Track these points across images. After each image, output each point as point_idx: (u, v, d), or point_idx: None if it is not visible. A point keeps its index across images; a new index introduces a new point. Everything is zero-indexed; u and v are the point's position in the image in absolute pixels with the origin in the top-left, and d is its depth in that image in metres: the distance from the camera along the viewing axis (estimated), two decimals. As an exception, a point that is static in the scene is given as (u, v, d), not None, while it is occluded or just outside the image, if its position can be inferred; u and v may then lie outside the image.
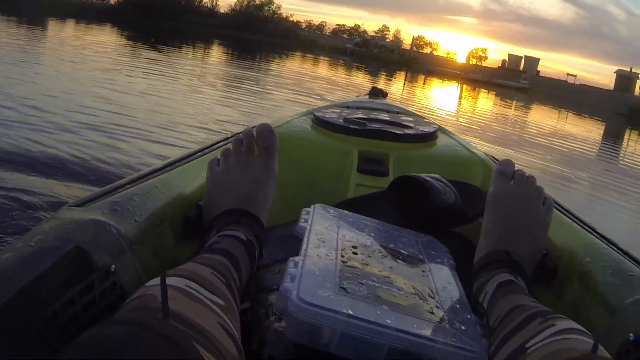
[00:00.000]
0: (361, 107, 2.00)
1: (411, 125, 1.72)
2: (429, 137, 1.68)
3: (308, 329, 0.73)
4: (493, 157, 1.64)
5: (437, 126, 1.80)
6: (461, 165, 1.59)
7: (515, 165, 1.12)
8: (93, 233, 0.78)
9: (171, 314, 0.57)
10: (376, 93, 2.45)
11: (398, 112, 2.00)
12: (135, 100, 6.39)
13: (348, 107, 1.97)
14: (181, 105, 6.68)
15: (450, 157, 1.63)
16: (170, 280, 0.65)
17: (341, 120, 1.65)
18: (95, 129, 4.47)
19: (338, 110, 1.85)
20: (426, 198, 1.18)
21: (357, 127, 1.60)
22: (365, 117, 1.75)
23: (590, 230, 1.14)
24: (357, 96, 2.59)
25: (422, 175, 1.24)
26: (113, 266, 0.77)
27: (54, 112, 4.87)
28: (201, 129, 5.29)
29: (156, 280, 0.65)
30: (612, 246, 1.05)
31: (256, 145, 1.09)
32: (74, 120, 4.66)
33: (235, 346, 0.63)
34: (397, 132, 1.61)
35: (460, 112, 14.60)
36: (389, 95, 2.57)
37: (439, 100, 18.61)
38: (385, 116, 1.83)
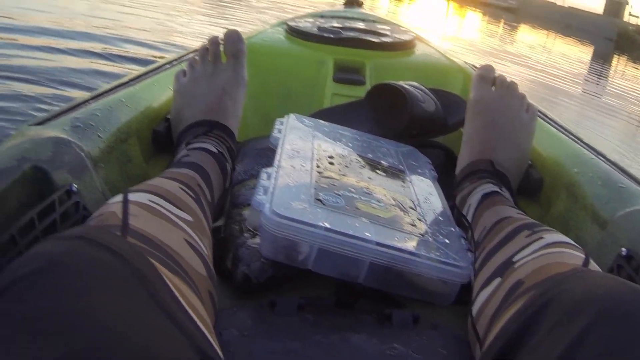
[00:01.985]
0: (336, 17, 1.95)
1: (388, 33, 1.67)
2: (406, 45, 1.62)
3: (284, 245, 0.69)
4: (473, 65, 1.60)
5: (414, 34, 1.75)
6: (440, 73, 1.54)
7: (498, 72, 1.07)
8: (52, 151, 0.73)
9: (130, 230, 0.53)
10: (351, 2, 2.39)
11: (374, 21, 1.94)
12: (110, 14, 6.18)
13: (322, 17, 1.92)
14: (160, 19, 6.48)
15: (428, 65, 1.58)
16: (132, 196, 0.62)
17: (315, 29, 1.59)
18: (63, 44, 4.31)
19: (312, 20, 1.79)
20: (405, 106, 1.13)
21: (332, 36, 1.54)
22: (340, 25, 1.69)
23: (576, 140, 1.11)
24: (332, 6, 2.52)
25: (400, 82, 1.19)
26: (74, 185, 0.72)
27: (22, 26, 4.70)
28: (177, 44, 5.12)
29: (118, 197, 0.62)
30: (599, 157, 1.02)
31: (224, 53, 1.05)
32: (39, 33, 4.49)
33: (204, 264, 0.60)
34: (374, 40, 1.55)
35: (446, 29, 14.42)
36: (372, 11, 2.51)
37: (426, 17, 18.35)
38: (360, 25, 1.77)
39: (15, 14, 5.09)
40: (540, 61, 9.96)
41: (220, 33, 1.07)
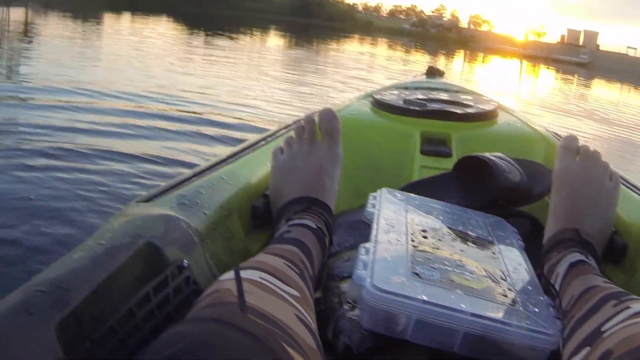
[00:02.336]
0: (420, 88, 1.98)
1: (471, 103, 1.70)
2: (489, 116, 1.66)
3: (383, 317, 0.74)
4: (555, 133, 1.62)
5: (496, 103, 1.78)
6: (523, 142, 1.56)
7: (580, 139, 1.10)
8: (163, 228, 0.78)
9: (248, 307, 0.57)
10: (433, 72, 2.42)
11: (457, 91, 1.97)
12: (198, 89, 6.42)
13: (407, 88, 1.96)
14: (243, 92, 6.67)
15: (511, 135, 1.60)
16: (244, 273, 0.65)
17: (401, 102, 1.64)
18: (155, 118, 4.50)
19: (397, 92, 1.83)
20: (492, 177, 1.17)
21: (417, 108, 1.59)
22: (425, 97, 1.73)
23: None
24: (415, 76, 2.56)
25: (486, 154, 1.23)
26: (185, 261, 0.76)
27: (117, 101, 4.93)
28: (263, 118, 5.26)
29: (230, 274, 0.65)
30: None
31: (319, 130, 1.09)
32: (130, 110, 4.70)
33: (313, 338, 0.63)
34: (458, 111, 1.60)
35: (522, 89, 14.34)
36: (448, 73, 2.53)
37: (501, 77, 18.29)
38: (444, 96, 1.81)
39: (93, 82, 5.39)
40: (614, 115, 9.81)
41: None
